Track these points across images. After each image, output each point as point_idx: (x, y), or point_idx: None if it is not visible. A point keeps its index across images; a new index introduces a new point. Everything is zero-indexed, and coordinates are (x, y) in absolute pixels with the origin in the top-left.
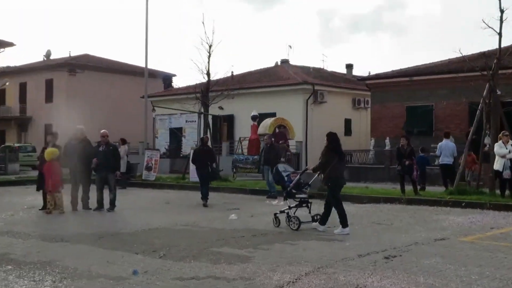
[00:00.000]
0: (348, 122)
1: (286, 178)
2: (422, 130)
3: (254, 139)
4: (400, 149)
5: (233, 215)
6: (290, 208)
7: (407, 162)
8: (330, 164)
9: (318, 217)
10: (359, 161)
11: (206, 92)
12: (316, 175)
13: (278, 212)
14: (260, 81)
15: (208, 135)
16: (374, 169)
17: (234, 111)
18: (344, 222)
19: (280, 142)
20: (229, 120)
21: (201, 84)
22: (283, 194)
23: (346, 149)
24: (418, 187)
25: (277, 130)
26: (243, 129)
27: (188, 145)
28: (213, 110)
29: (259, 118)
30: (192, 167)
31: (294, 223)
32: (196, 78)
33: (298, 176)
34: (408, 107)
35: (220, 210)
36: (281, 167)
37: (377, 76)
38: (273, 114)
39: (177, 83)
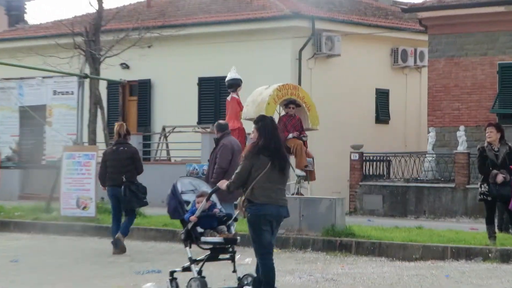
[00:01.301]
0: (382, 96)
1: (187, 206)
2: None
3: (235, 130)
4: (486, 150)
5: (149, 284)
6: (193, 262)
7: (501, 177)
8: (252, 176)
9: (250, 280)
10: (406, 174)
11: (94, 33)
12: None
13: (180, 269)
14: (208, 11)
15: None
16: (434, 191)
17: (152, 73)
18: None
19: (291, 135)
20: (142, 90)
21: (85, 18)
22: (180, 235)
23: (378, 152)
24: None
25: (282, 112)
26: (172, 109)
27: (57, 142)
28: (110, 70)
29: (239, 87)
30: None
31: None
32: (74, 6)
33: (204, 201)
34: (503, 67)
35: (125, 273)
36: (184, 182)
37: (443, 3)
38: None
39: (35, 16)
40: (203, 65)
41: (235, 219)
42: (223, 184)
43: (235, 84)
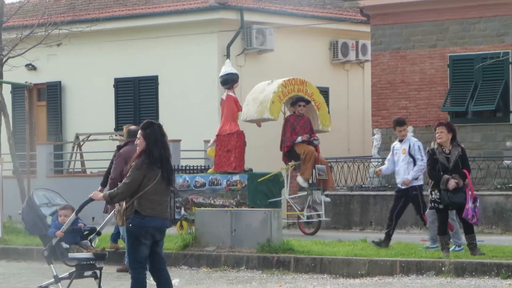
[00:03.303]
0: (321, 95)
1: (47, 220)
2: (486, 109)
3: (233, 134)
4: (437, 153)
5: None
6: (59, 280)
7: (453, 183)
8: (140, 187)
9: None
10: (350, 182)
11: None
12: (112, 212)
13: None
14: (123, 4)
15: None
16: (381, 200)
17: (62, 74)
18: None
19: (300, 138)
20: (52, 94)
21: None
22: (43, 252)
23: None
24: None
25: (289, 112)
26: (86, 114)
27: None
28: (14, 73)
29: (236, 83)
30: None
31: None
32: None
33: (73, 215)
34: (455, 59)
35: None
36: (38, 195)
37: None
38: (151, 78)
39: None
40: (119, 64)
41: (98, 233)
42: (97, 195)
43: (231, 80)
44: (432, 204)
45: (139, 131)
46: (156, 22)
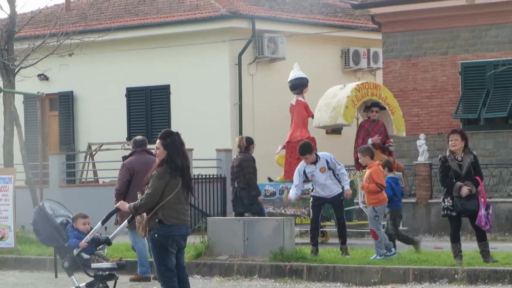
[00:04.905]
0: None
1: (69, 231)
2: (498, 116)
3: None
4: (449, 160)
5: None
6: None
7: (466, 190)
8: (162, 197)
9: None
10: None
11: (6, 41)
12: (125, 222)
13: None
14: (135, 13)
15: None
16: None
17: (74, 84)
18: None
19: (370, 141)
20: (64, 104)
21: None
22: (63, 263)
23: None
24: (490, 246)
25: (362, 118)
26: (98, 124)
27: None
28: (27, 83)
29: (305, 87)
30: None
31: None
32: None
33: (98, 225)
34: (466, 66)
35: None
36: (46, 206)
37: None
38: (163, 88)
39: None
40: (131, 74)
41: (109, 243)
42: (124, 205)
43: (300, 84)
44: (445, 211)
45: (158, 141)
46: (168, 31)
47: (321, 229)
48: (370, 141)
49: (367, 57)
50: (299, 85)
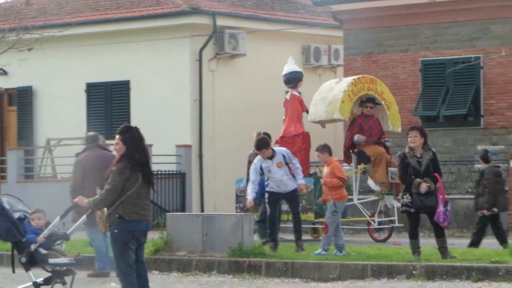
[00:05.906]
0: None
1: (26, 227)
2: (457, 114)
3: (298, 135)
4: (408, 157)
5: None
6: (38, 286)
7: (425, 186)
8: (123, 192)
9: None
10: None
11: None
12: (84, 217)
13: None
14: (96, 8)
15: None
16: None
17: (33, 79)
18: None
19: (356, 138)
20: (22, 99)
21: None
22: (21, 259)
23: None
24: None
25: (357, 112)
26: (57, 119)
27: None
28: None
29: (300, 81)
30: None
31: None
32: None
33: (57, 219)
34: (426, 64)
35: None
36: (4, 201)
37: None
38: (123, 83)
39: None
40: (91, 69)
41: (67, 238)
42: (83, 200)
43: (295, 78)
44: (404, 207)
45: (117, 136)
46: (128, 27)
47: (313, 226)
48: (356, 138)
49: (328, 54)
50: (293, 79)
